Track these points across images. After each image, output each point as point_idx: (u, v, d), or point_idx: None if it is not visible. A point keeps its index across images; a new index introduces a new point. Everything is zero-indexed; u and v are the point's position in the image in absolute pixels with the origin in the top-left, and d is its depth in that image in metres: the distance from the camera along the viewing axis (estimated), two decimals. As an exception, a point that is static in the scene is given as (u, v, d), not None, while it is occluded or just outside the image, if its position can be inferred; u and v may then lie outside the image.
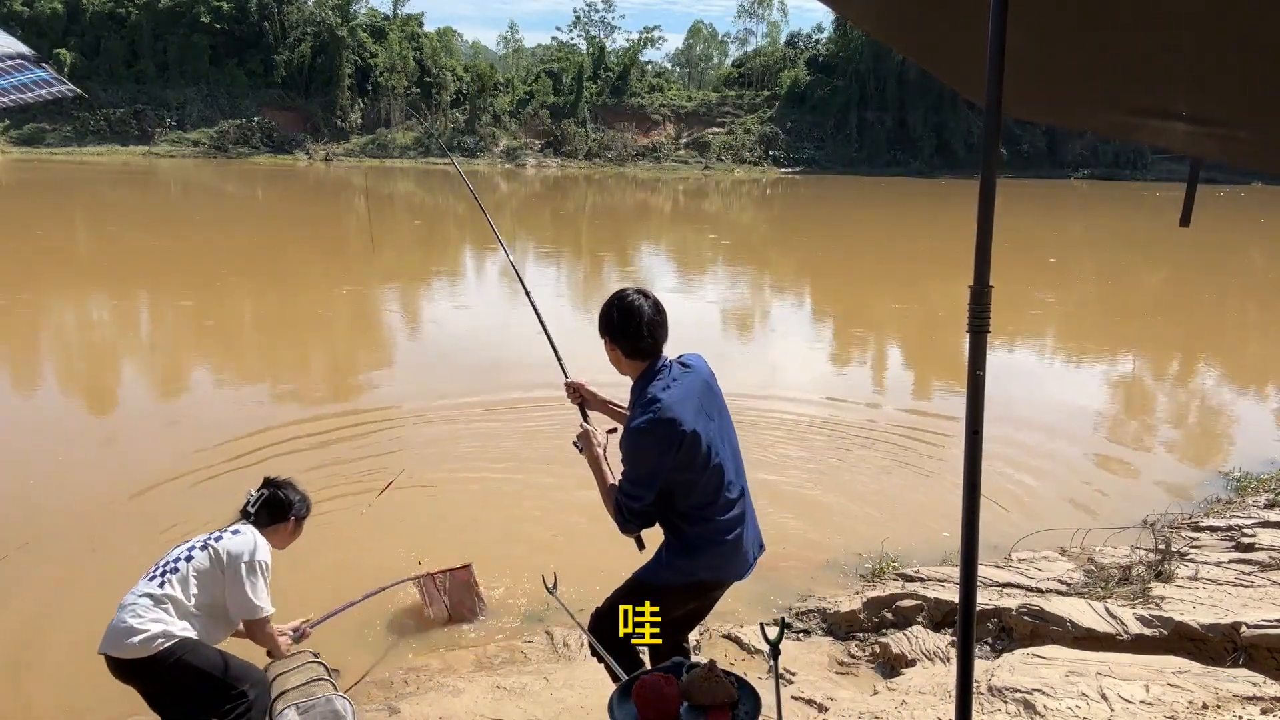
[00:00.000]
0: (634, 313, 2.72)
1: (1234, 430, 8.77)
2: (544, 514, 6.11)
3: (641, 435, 2.65)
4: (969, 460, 1.62)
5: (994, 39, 1.45)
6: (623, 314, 2.73)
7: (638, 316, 2.72)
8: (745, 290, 17.52)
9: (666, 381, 2.72)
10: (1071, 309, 16.04)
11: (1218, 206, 35.86)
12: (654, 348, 2.76)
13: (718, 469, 2.72)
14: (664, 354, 2.82)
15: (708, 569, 2.76)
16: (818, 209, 38.95)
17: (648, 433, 2.63)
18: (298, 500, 3.51)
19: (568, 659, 4.33)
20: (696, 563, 2.75)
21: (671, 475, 2.67)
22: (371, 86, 63.31)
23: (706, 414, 2.74)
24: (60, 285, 14.95)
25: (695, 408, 2.70)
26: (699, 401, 2.73)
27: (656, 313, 2.76)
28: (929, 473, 7.11)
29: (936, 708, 3.42)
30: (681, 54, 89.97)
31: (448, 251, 22.67)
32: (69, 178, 39.89)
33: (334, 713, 3.24)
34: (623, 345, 2.74)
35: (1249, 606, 4.16)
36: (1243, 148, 1.86)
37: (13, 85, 3.04)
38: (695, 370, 2.83)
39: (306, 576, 4.88)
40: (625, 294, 2.77)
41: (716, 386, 2.87)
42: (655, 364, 2.76)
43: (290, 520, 3.49)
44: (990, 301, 1.58)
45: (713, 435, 2.73)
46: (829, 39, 72.37)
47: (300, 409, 8.51)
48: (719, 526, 2.72)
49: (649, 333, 2.74)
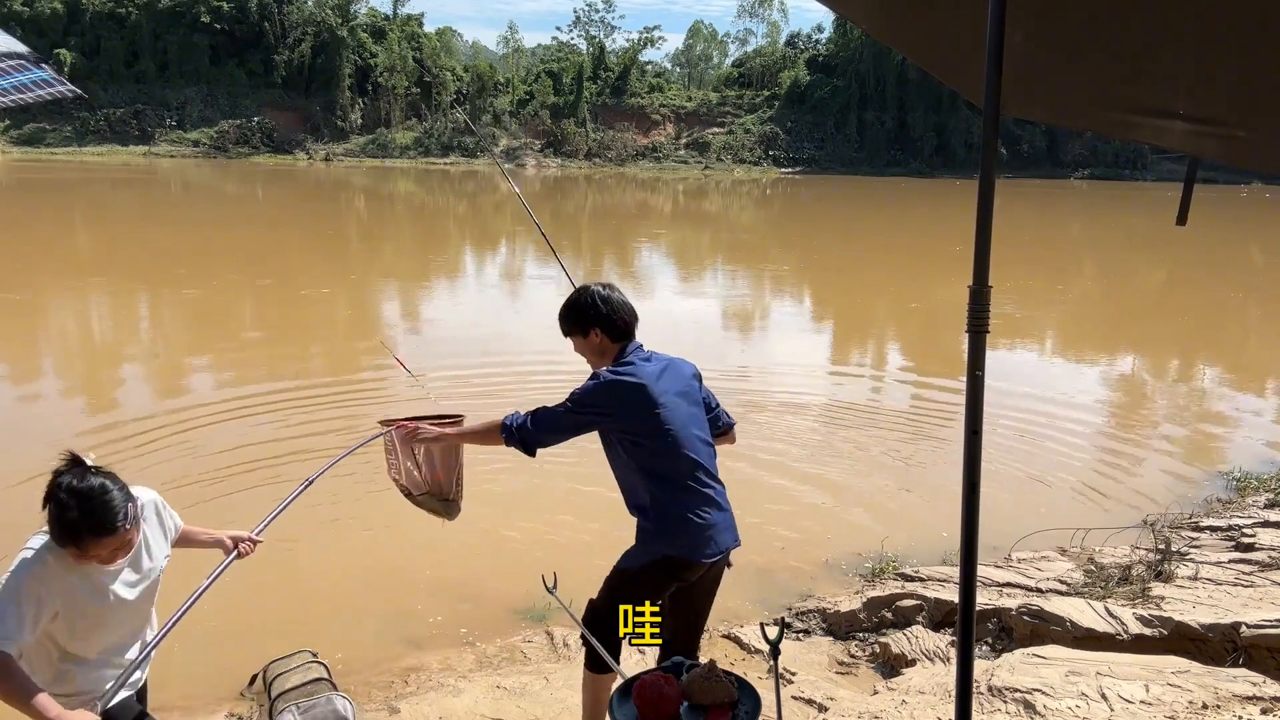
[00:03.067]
0: (612, 299, 2.89)
1: (1234, 430, 8.76)
2: (544, 514, 6.10)
3: (600, 382, 2.80)
4: (968, 460, 1.62)
5: (993, 39, 1.46)
6: (601, 300, 2.88)
7: (617, 302, 2.89)
8: (745, 289, 17.52)
9: (645, 355, 2.90)
10: (1071, 308, 16.04)
11: (1218, 206, 35.86)
12: (631, 327, 2.93)
13: (685, 445, 2.80)
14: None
15: (674, 545, 2.79)
16: (818, 209, 38.96)
17: (608, 383, 2.79)
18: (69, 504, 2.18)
19: (568, 659, 4.33)
20: (664, 541, 2.80)
21: (636, 440, 2.79)
22: (371, 86, 63.35)
23: (677, 393, 2.86)
24: (60, 283, 14.95)
25: (665, 382, 2.84)
26: (671, 382, 2.86)
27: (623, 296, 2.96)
28: (929, 472, 7.11)
29: (936, 708, 3.42)
30: (681, 54, 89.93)
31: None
32: (68, 178, 39.88)
33: (334, 713, 3.23)
34: (610, 330, 2.88)
35: (1249, 606, 4.16)
36: (1242, 147, 1.86)
37: (13, 85, 3.03)
38: (675, 361, 2.97)
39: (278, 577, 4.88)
40: (591, 287, 2.93)
41: (697, 386, 2.99)
42: (629, 345, 2.92)
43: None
44: (989, 301, 1.58)
45: (681, 413, 2.83)
46: (829, 39, 72.40)
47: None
48: (688, 504, 2.78)
49: (630, 312, 2.91)
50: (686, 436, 2.80)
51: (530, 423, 2.83)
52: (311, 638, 3.69)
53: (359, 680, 4.17)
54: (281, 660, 3.56)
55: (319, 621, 4.67)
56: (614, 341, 2.89)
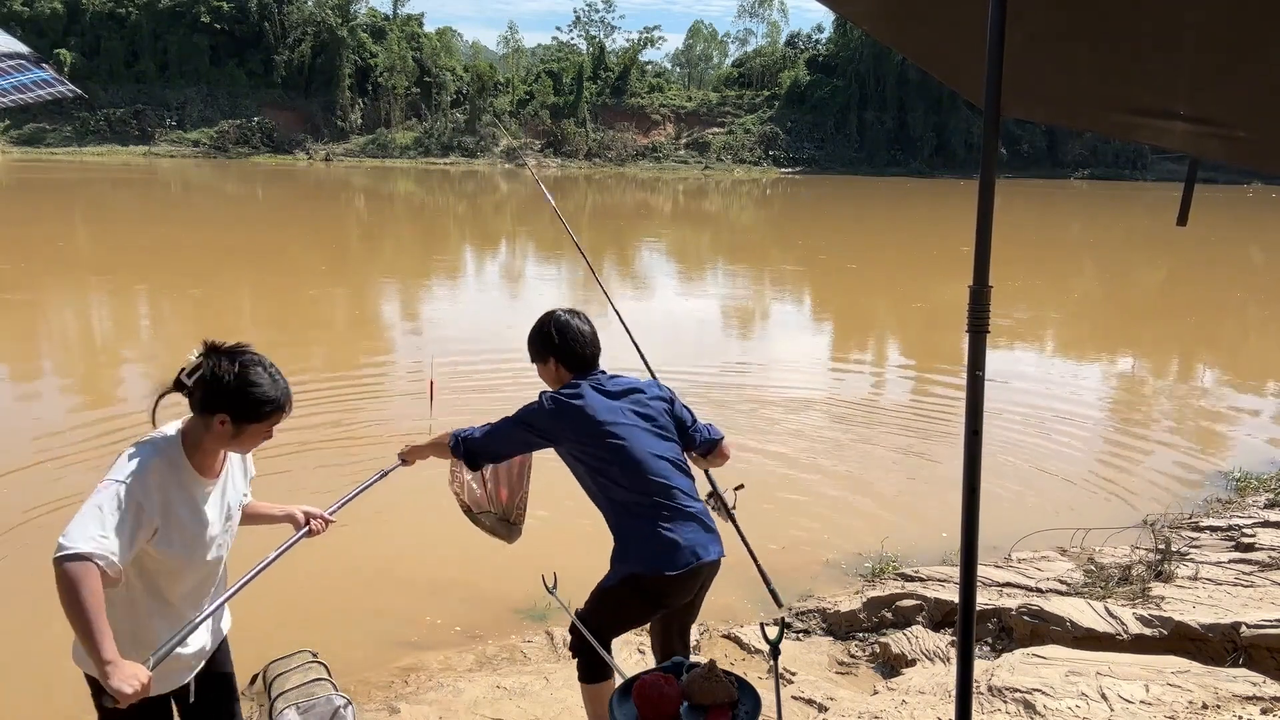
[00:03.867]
0: (570, 329, 2.89)
1: (1234, 430, 8.76)
2: (544, 514, 6.10)
3: (539, 404, 2.82)
4: (968, 460, 1.62)
5: (993, 39, 1.46)
6: (560, 331, 2.88)
7: (576, 332, 2.89)
8: (745, 288, 17.52)
9: (599, 382, 2.89)
10: (1072, 308, 16.04)
11: (1218, 207, 35.86)
12: (594, 358, 2.93)
13: (648, 468, 2.78)
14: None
15: (640, 563, 2.78)
16: (818, 209, 38.95)
17: (548, 403, 2.80)
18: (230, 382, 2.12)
19: (568, 659, 4.32)
20: (631, 560, 2.80)
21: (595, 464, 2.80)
22: (371, 86, 63.39)
23: (637, 415, 2.85)
24: (60, 281, 14.95)
25: (621, 405, 2.85)
26: (630, 405, 2.86)
27: (590, 326, 2.95)
28: (929, 472, 7.11)
29: (936, 708, 3.42)
30: (681, 54, 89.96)
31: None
32: (69, 178, 39.88)
33: (334, 713, 3.24)
34: (568, 360, 2.89)
35: (1249, 606, 4.16)
36: (1243, 147, 1.86)
37: (13, 85, 3.03)
38: (642, 384, 2.98)
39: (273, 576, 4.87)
40: (556, 314, 2.94)
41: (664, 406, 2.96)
42: (590, 374, 2.92)
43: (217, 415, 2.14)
44: (990, 301, 1.58)
45: (639, 437, 2.81)
46: (829, 39, 72.43)
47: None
48: (653, 521, 2.76)
49: (590, 343, 2.91)
50: (646, 459, 2.79)
51: (476, 435, 2.90)
52: (311, 638, 3.69)
53: (359, 680, 4.17)
54: (281, 660, 3.57)
55: (319, 621, 4.67)
56: (570, 371, 2.90)
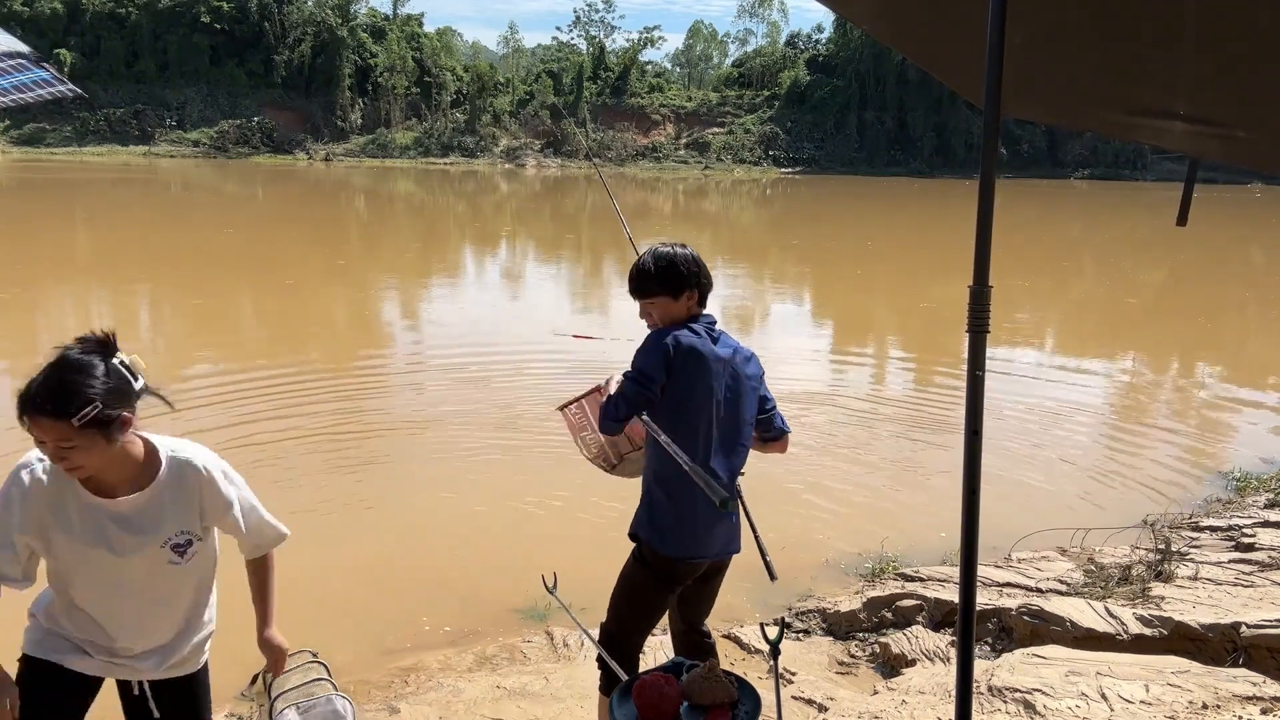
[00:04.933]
0: (700, 262, 2.72)
1: (1234, 430, 8.76)
2: (544, 513, 6.10)
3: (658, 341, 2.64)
4: (968, 460, 1.62)
5: (993, 39, 1.46)
6: (696, 263, 2.70)
7: (695, 259, 2.72)
8: (745, 288, 17.51)
9: (716, 332, 2.73)
10: (1072, 308, 16.04)
11: (1218, 207, 35.86)
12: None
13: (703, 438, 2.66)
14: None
15: (676, 546, 2.73)
16: (818, 209, 38.94)
17: (663, 343, 2.62)
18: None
19: (568, 659, 4.33)
20: (668, 545, 2.73)
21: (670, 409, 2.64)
22: (371, 86, 63.40)
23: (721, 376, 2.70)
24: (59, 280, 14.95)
25: (714, 360, 2.68)
26: (721, 365, 2.70)
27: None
28: (929, 472, 7.11)
29: (936, 708, 3.42)
30: (681, 54, 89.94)
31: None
32: (69, 178, 39.87)
33: (334, 713, 3.23)
34: (702, 287, 2.72)
35: (1249, 606, 4.16)
36: (1242, 147, 1.86)
37: (13, 85, 3.03)
38: (740, 348, 2.81)
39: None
40: (680, 249, 2.74)
41: (749, 382, 2.80)
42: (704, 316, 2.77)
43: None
44: (990, 301, 1.58)
45: (717, 396, 2.68)
46: (829, 39, 72.43)
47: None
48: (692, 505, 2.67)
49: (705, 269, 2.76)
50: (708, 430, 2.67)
51: (614, 414, 2.69)
52: (311, 638, 3.68)
53: (359, 680, 4.17)
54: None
55: (319, 622, 4.66)
56: (700, 306, 2.74)
